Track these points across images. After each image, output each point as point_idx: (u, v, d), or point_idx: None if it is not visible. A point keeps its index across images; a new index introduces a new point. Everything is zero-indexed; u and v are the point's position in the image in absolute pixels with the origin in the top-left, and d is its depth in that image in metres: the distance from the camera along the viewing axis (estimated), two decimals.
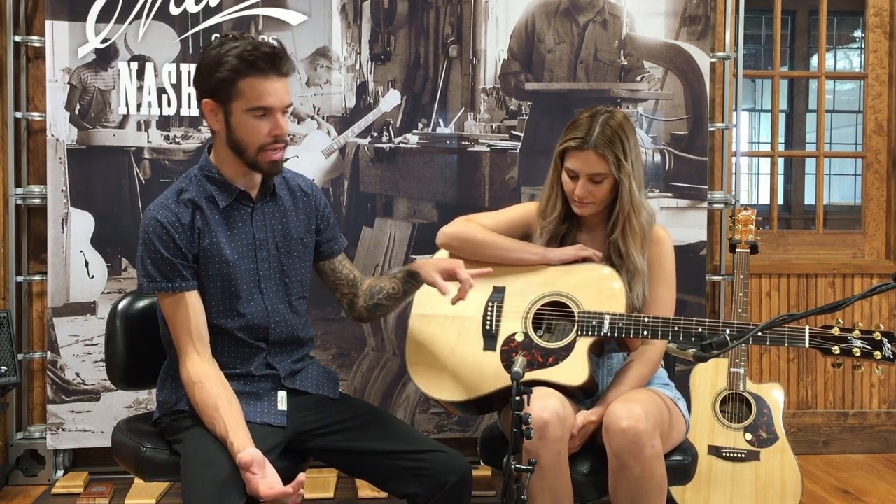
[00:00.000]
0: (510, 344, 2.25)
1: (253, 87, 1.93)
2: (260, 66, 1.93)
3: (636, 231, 2.25)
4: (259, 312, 2.09)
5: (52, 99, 3.09)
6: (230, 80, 1.93)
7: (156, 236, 1.99)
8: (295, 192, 2.18)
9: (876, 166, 3.78)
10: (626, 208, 2.23)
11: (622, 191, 2.22)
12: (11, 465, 3.19)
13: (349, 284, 2.27)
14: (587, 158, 2.20)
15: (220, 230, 2.04)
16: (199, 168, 2.08)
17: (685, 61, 3.29)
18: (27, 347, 3.25)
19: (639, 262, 2.25)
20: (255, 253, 2.08)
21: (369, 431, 2.11)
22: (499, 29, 3.24)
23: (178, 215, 2.01)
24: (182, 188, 2.06)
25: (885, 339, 2.00)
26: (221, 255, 2.03)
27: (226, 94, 1.95)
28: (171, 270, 1.99)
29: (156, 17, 3.11)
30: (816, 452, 3.66)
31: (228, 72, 1.92)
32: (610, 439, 2.07)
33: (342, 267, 2.27)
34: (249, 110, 1.95)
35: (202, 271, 2.04)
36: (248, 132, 1.97)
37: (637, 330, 2.17)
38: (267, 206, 2.12)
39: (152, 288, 2.01)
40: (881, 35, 3.75)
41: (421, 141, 3.23)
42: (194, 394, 1.97)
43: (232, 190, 2.05)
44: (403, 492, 2.06)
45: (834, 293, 3.68)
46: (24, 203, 3.21)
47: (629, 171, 2.21)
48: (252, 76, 1.93)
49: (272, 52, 1.94)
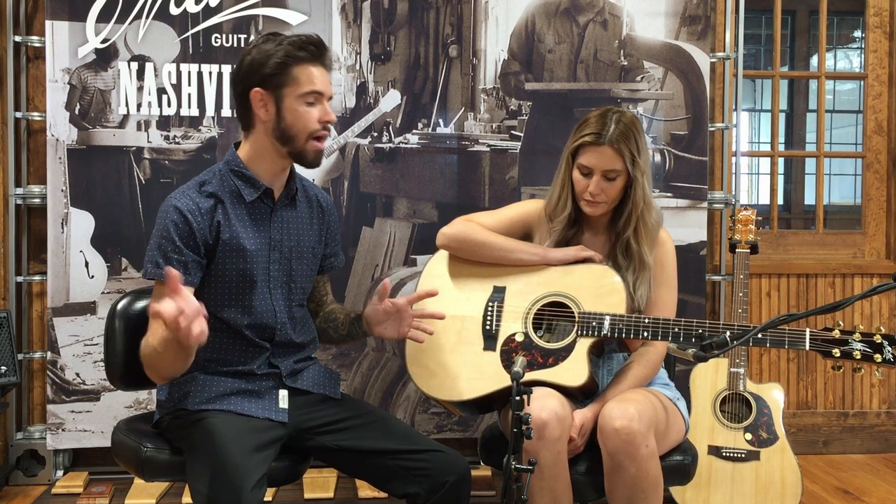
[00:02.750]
0: (510, 344, 2.25)
1: (306, 72, 2.00)
2: (312, 52, 2.00)
3: (649, 229, 2.25)
4: (268, 312, 2.10)
5: (52, 99, 3.09)
6: (284, 66, 1.99)
7: (172, 223, 2.00)
8: (312, 202, 2.22)
9: (876, 166, 3.78)
10: (640, 205, 2.23)
11: (636, 187, 2.22)
12: (11, 465, 3.19)
13: (317, 302, 2.32)
14: (603, 154, 2.20)
15: (241, 225, 2.06)
16: (226, 163, 2.10)
17: (685, 61, 3.29)
18: (27, 347, 3.25)
19: (648, 260, 2.25)
20: (269, 253, 2.10)
21: (369, 431, 2.11)
22: (499, 29, 3.24)
23: (199, 204, 2.03)
24: (205, 180, 2.09)
25: (886, 341, 2.00)
26: (241, 250, 2.05)
27: (278, 81, 2.00)
28: (176, 261, 1.99)
29: (156, 17, 3.11)
30: (816, 452, 3.66)
31: (282, 58, 1.99)
32: (604, 440, 2.08)
33: (323, 288, 2.32)
34: (302, 95, 2.00)
35: (219, 264, 2.05)
36: (299, 119, 2.02)
37: (637, 331, 2.17)
38: (286, 209, 2.14)
39: (154, 274, 2.01)
40: (881, 35, 3.75)
41: (421, 141, 3.23)
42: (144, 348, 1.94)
43: (258, 185, 2.07)
44: (403, 491, 2.06)
45: (834, 293, 3.68)
46: (24, 203, 3.21)
47: (642, 168, 2.21)
48: (304, 62, 2.00)
49: (321, 41, 2.03)
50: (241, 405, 2.04)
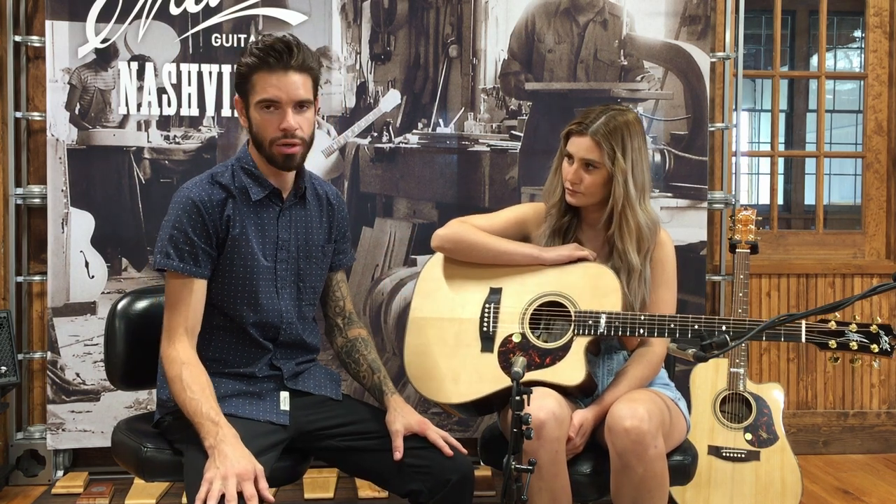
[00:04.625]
0: (507, 345, 2.25)
1: (262, 81, 2.00)
2: (268, 61, 1.98)
3: (632, 228, 2.24)
4: (274, 311, 2.10)
5: (52, 99, 3.09)
6: (246, 76, 2.01)
7: (185, 214, 2.01)
8: (322, 200, 2.22)
9: (876, 166, 3.78)
10: (620, 202, 2.23)
11: (614, 185, 2.23)
12: (11, 465, 3.19)
13: (336, 310, 2.29)
14: (583, 143, 2.23)
15: (249, 223, 2.06)
16: (237, 159, 2.11)
17: (685, 61, 3.29)
18: (27, 347, 3.25)
19: (634, 260, 2.24)
20: (276, 253, 2.10)
21: (371, 431, 2.11)
22: (499, 29, 3.24)
23: (211, 196, 2.03)
24: (217, 173, 2.09)
25: (883, 331, 2.01)
26: (248, 248, 2.06)
27: (244, 89, 2.03)
28: (188, 252, 2.00)
29: (156, 17, 3.11)
30: (816, 452, 3.66)
31: (245, 67, 2.01)
32: (613, 439, 2.07)
33: (337, 287, 2.30)
34: (259, 103, 2.00)
35: (227, 259, 2.05)
36: (261, 126, 2.03)
37: (633, 328, 2.18)
38: (295, 209, 2.14)
39: (164, 265, 2.02)
40: (881, 35, 3.75)
41: (421, 141, 3.23)
42: (181, 371, 1.96)
43: (266, 185, 2.08)
44: (405, 489, 2.07)
45: (834, 293, 3.68)
46: (24, 203, 3.21)
47: (623, 167, 2.20)
48: (262, 70, 1.99)
49: (281, 47, 1.99)
50: (242, 408, 2.04)
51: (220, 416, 1.90)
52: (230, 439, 1.86)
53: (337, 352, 2.29)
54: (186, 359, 1.98)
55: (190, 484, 1.89)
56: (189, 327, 2.02)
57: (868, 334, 2.02)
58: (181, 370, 1.96)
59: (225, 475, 1.78)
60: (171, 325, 2.02)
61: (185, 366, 1.97)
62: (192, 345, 2.02)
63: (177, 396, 1.96)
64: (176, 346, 2.00)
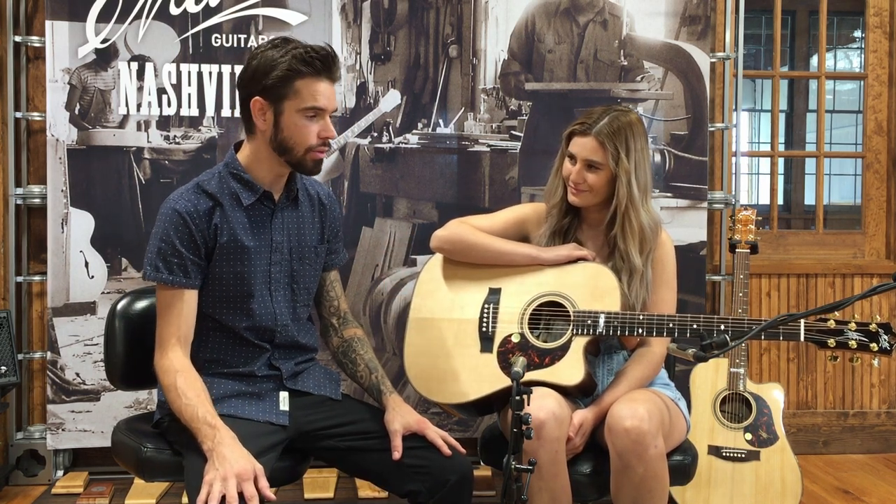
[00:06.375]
0: (507, 345, 2.25)
1: (309, 87, 1.96)
2: (317, 67, 1.96)
3: (635, 229, 2.25)
4: (268, 314, 2.10)
5: (52, 99, 3.09)
6: (286, 79, 1.95)
7: (172, 226, 2.00)
8: (314, 200, 2.21)
9: (876, 166, 3.78)
10: (624, 202, 2.23)
11: (618, 185, 2.23)
12: (11, 465, 3.19)
13: (330, 310, 2.29)
14: (586, 144, 2.22)
15: (240, 228, 2.05)
16: (225, 165, 2.09)
17: (685, 61, 3.29)
18: (27, 347, 3.25)
19: (636, 261, 2.25)
20: (270, 255, 2.10)
21: (370, 431, 2.11)
22: (499, 29, 3.24)
23: (197, 206, 2.02)
24: (203, 181, 2.07)
25: (882, 330, 2.01)
26: (239, 253, 2.05)
27: (279, 93, 1.97)
28: (176, 264, 2.00)
29: (156, 17, 3.11)
30: (816, 452, 3.66)
31: (286, 70, 1.95)
32: (613, 439, 2.07)
33: (331, 287, 2.29)
34: (302, 110, 1.97)
35: (217, 267, 2.05)
36: (297, 132, 1.99)
37: (632, 328, 2.18)
38: (287, 210, 2.13)
39: (154, 278, 2.02)
40: (881, 35, 3.75)
41: (421, 141, 3.23)
42: (176, 379, 1.96)
43: (256, 189, 2.06)
44: (405, 489, 2.07)
45: (834, 293, 3.67)
46: (24, 203, 3.21)
47: (627, 167, 2.21)
48: (308, 76, 1.96)
49: (328, 54, 1.98)
50: (242, 408, 2.04)
51: (217, 419, 1.91)
52: (228, 441, 1.86)
53: (333, 352, 2.29)
54: (180, 367, 1.99)
55: (191, 487, 1.89)
56: (181, 336, 2.02)
57: (867, 333, 2.02)
58: (175, 378, 1.97)
59: (224, 476, 1.78)
60: (163, 336, 2.03)
61: (180, 374, 1.97)
62: (185, 353, 2.02)
63: (173, 404, 1.97)
64: (169, 355, 2.00)
